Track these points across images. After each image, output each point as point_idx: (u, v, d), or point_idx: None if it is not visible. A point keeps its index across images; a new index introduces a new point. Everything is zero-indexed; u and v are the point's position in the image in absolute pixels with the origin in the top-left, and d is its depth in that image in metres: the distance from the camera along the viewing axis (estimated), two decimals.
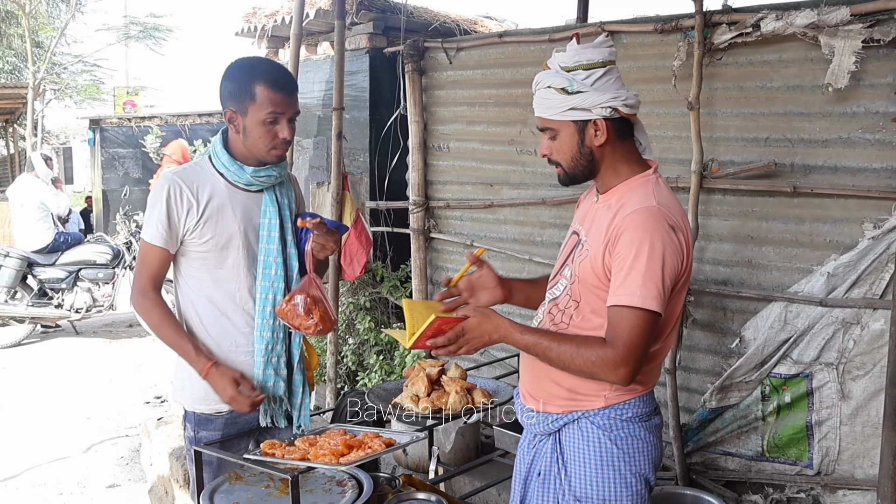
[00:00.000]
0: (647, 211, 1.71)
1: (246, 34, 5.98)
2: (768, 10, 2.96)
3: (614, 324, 1.70)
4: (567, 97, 1.76)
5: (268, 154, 2.18)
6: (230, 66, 2.20)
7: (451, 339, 1.79)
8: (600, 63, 1.76)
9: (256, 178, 2.21)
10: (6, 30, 17.76)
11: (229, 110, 2.16)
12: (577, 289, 1.83)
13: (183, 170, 2.23)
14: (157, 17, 17.46)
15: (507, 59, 4.00)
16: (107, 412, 5.56)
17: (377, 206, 4.91)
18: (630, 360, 1.68)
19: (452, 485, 3.34)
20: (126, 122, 15.20)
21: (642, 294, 1.66)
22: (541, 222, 3.95)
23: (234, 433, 2.30)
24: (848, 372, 2.91)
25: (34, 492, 4.23)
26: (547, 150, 1.87)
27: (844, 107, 2.90)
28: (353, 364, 4.83)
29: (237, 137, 2.19)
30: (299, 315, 2.15)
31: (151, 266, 2.20)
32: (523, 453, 2.00)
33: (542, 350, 1.77)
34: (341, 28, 4.16)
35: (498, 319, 1.83)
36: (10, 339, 7.34)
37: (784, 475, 3.11)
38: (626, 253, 1.68)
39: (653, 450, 1.86)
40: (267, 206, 2.25)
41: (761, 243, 3.16)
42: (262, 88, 2.10)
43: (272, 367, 2.25)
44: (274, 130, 2.14)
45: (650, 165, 1.86)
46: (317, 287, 2.19)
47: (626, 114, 1.76)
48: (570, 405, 1.85)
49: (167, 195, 2.15)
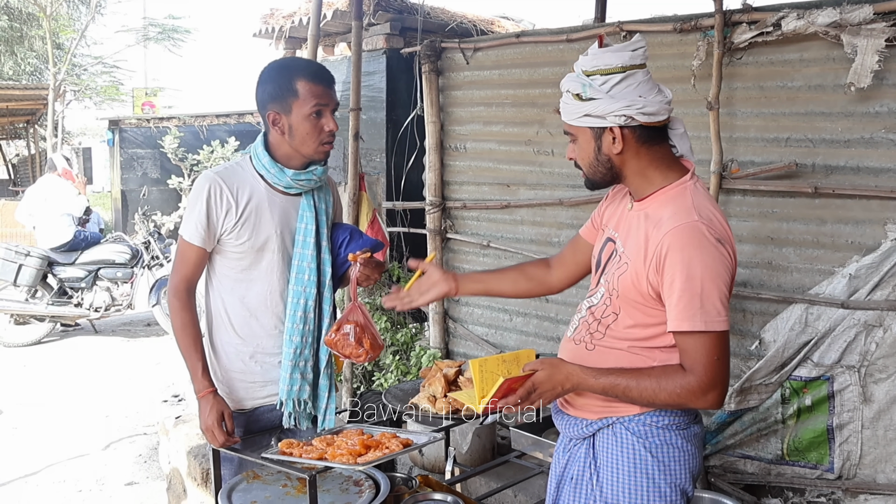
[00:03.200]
0: (690, 227, 1.63)
1: (264, 35, 6.01)
2: (789, 9, 2.93)
3: (688, 351, 1.65)
4: (581, 103, 1.71)
5: (317, 150, 2.18)
6: (265, 69, 2.20)
7: (522, 396, 1.71)
8: (619, 68, 1.68)
9: (296, 182, 2.21)
10: (28, 32, 17.98)
11: (272, 112, 2.15)
12: (616, 301, 1.77)
13: (224, 170, 2.23)
14: (175, 18, 17.63)
15: (524, 60, 3.99)
16: (125, 410, 5.60)
17: (394, 207, 4.92)
18: (716, 384, 1.63)
19: (468, 486, 3.34)
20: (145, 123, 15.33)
21: (704, 318, 1.61)
22: (558, 223, 3.94)
23: (255, 430, 2.32)
24: (870, 375, 2.87)
25: (54, 489, 4.27)
26: (571, 154, 1.83)
27: (867, 106, 2.87)
28: (370, 364, 4.84)
29: (281, 139, 2.18)
30: (350, 345, 2.16)
31: (188, 264, 2.21)
32: (558, 457, 1.96)
33: (622, 391, 1.69)
34: (358, 29, 4.17)
35: (568, 368, 1.75)
36: (31, 337, 7.43)
37: (804, 479, 3.07)
38: (676, 274, 1.62)
39: (690, 459, 1.79)
40: (304, 210, 2.25)
41: (782, 244, 3.12)
42: (304, 83, 2.11)
43: (299, 371, 2.25)
44: (320, 124, 2.14)
45: (687, 168, 1.78)
46: (363, 314, 2.20)
47: (644, 122, 1.68)
48: (605, 411, 1.79)
49: (207, 195, 2.15)
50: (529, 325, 4.14)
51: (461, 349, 4.55)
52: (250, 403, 2.29)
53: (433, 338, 4.62)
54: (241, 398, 2.27)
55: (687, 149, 1.80)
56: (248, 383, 2.28)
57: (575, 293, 2.96)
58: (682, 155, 1.79)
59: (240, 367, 2.27)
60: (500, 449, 3.60)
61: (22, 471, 4.49)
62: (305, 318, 2.24)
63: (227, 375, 2.28)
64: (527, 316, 4.16)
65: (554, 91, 4.08)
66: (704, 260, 1.61)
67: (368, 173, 4.95)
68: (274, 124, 2.16)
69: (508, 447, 3.25)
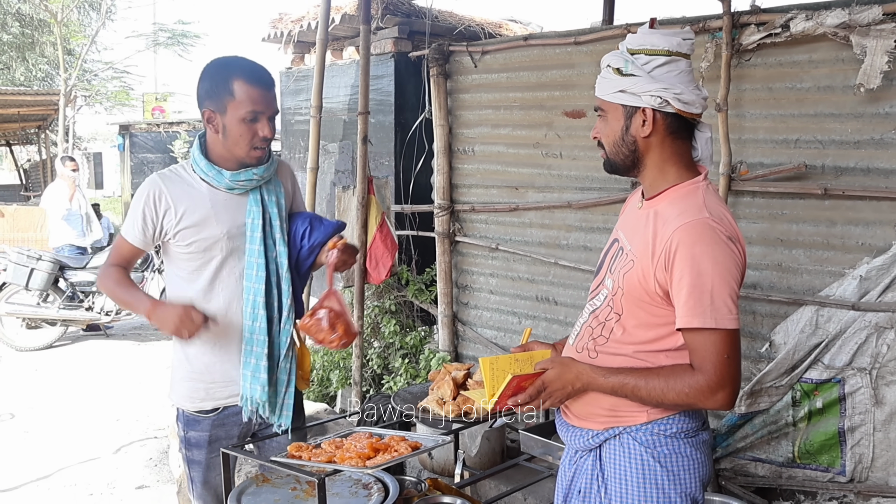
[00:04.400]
0: (701, 224, 1.60)
1: (272, 40, 6.04)
2: (798, 10, 2.92)
3: (697, 349, 1.62)
4: (620, 78, 1.69)
5: (248, 154, 2.14)
6: (207, 65, 2.17)
7: (532, 395, 1.72)
8: (665, 51, 1.66)
9: (236, 183, 2.18)
10: (39, 38, 18.11)
11: (207, 110, 2.11)
12: (619, 301, 1.73)
13: (168, 173, 2.22)
14: (185, 23, 17.74)
15: (532, 63, 3.99)
16: (136, 414, 5.62)
17: (402, 210, 4.93)
18: (726, 383, 1.60)
19: (478, 489, 3.33)
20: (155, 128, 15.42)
21: (714, 315, 1.58)
22: (566, 225, 3.93)
23: (222, 435, 2.29)
24: (881, 377, 2.86)
25: (65, 492, 4.30)
26: (596, 132, 1.80)
27: (877, 107, 2.85)
28: (379, 367, 4.84)
29: (216, 139, 2.15)
30: (323, 329, 2.14)
31: (121, 257, 2.26)
32: (564, 469, 1.93)
33: (630, 390, 1.67)
34: (367, 33, 4.18)
35: (578, 367, 1.74)
36: (42, 341, 7.48)
37: (816, 482, 3.05)
38: (686, 271, 1.59)
39: (700, 467, 1.75)
40: (251, 206, 2.22)
41: (791, 246, 3.11)
42: (241, 84, 2.07)
43: (250, 368, 2.22)
44: (254, 129, 2.10)
45: (700, 172, 1.76)
46: (338, 301, 2.17)
47: (679, 109, 1.66)
48: (611, 421, 1.76)
49: (146, 198, 2.16)
50: (538, 328, 4.13)
51: (470, 352, 4.55)
52: (210, 404, 2.26)
53: (442, 341, 4.62)
54: (202, 396, 2.26)
55: (708, 155, 1.78)
56: (208, 383, 2.25)
57: (584, 297, 2.95)
58: (700, 160, 1.77)
59: (200, 367, 2.26)
60: (510, 452, 3.59)
61: (34, 474, 4.52)
62: (255, 313, 2.21)
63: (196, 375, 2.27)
64: (536, 319, 4.16)
65: (562, 94, 4.10)
66: (715, 256, 1.58)
67: (377, 176, 4.95)
68: (209, 122, 2.14)
69: (518, 450, 3.24)
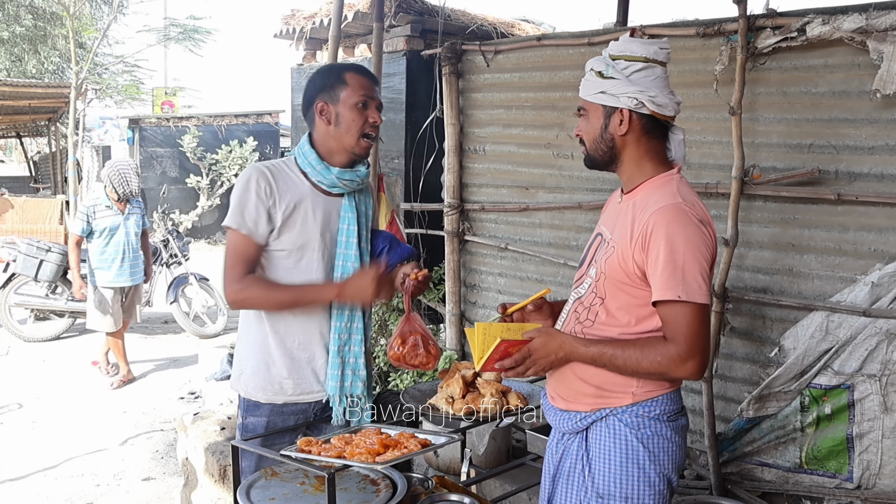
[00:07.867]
0: (675, 208, 1.75)
1: (284, 36, 6.05)
2: (814, 14, 2.91)
3: (669, 321, 1.75)
4: (601, 81, 1.85)
5: (358, 142, 2.23)
6: (317, 69, 2.33)
7: (517, 360, 1.82)
8: (642, 58, 1.82)
9: (341, 180, 2.25)
10: (51, 31, 18.19)
11: (321, 102, 2.22)
12: (602, 286, 1.86)
13: (271, 165, 2.26)
14: (196, 18, 17.78)
15: (545, 63, 3.99)
16: (142, 406, 5.65)
17: (412, 208, 4.93)
18: (695, 352, 1.72)
19: (483, 488, 3.34)
20: (164, 122, 15.46)
21: (685, 288, 1.71)
22: (576, 226, 3.93)
23: (279, 423, 2.33)
24: (892, 384, 2.84)
25: (72, 483, 4.32)
26: (578, 130, 1.98)
27: (892, 113, 2.84)
28: (386, 364, 4.85)
29: (327, 131, 2.23)
30: (420, 354, 2.20)
31: (244, 259, 2.19)
32: (551, 452, 2.02)
33: (608, 359, 1.79)
34: (379, 30, 4.18)
35: (562, 337, 1.86)
36: (50, 332, 7.52)
37: (823, 488, 3.04)
38: (661, 249, 1.72)
39: (677, 450, 1.87)
40: (346, 211, 2.28)
41: (803, 251, 3.10)
42: (352, 75, 2.22)
43: (350, 368, 2.30)
44: (365, 114, 2.21)
45: (674, 167, 1.90)
46: (420, 325, 2.25)
47: (653, 111, 1.81)
48: (598, 402, 1.87)
49: (255, 185, 2.18)
50: None
51: None
52: (282, 398, 2.31)
53: (449, 339, 4.62)
54: (275, 390, 2.29)
55: (681, 156, 1.92)
56: (283, 378, 2.30)
57: None
58: (674, 160, 1.91)
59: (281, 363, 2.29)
60: (516, 452, 3.59)
61: (41, 464, 4.54)
62: (352, 315, 2.28)
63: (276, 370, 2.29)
64: None
65: (574, 94, 4.06)
66: (687, 236, 1.72)
67: (387, 174, 4.97)
68: (321, 114, 2.22)
69: (524, 450, 3.25)
